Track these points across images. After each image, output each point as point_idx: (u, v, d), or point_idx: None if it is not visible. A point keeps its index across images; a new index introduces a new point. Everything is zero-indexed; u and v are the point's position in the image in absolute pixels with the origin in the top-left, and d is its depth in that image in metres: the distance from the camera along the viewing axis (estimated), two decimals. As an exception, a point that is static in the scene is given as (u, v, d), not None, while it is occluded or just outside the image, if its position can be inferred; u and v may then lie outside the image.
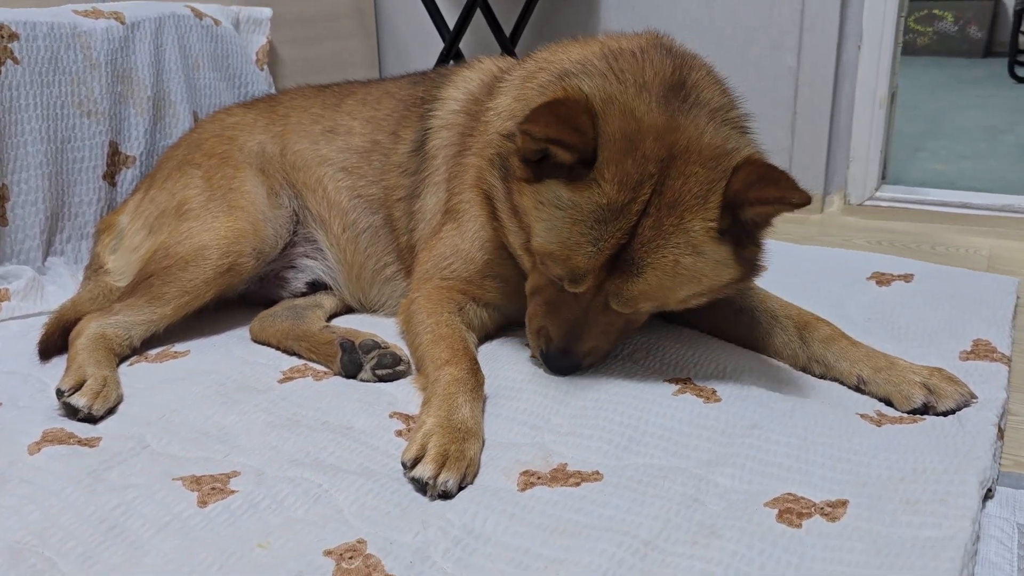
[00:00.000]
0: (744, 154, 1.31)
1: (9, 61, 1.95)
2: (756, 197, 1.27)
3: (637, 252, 1.31)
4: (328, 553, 1.06)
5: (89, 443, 1.35)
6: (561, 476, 1.23)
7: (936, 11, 7.58)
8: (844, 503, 1.13)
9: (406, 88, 1.95)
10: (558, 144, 1.28)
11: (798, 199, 1.24)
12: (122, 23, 2.19)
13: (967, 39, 7.52)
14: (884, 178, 2.86)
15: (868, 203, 2.77)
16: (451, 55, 2.82)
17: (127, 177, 2.20)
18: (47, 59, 2.02)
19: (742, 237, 1.34)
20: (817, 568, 1.01)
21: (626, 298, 1.36)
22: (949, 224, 2.57)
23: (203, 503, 1.17)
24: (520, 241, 1.45)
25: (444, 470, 1.20)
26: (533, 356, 1.52)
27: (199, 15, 2.41)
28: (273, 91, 2.54)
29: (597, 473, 1.23)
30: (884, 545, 1.03)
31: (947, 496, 1.10)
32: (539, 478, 1.23)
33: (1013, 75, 6.19)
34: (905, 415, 1.37)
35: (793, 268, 2.05)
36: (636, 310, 1.40)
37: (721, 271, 1.35)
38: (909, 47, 7.51)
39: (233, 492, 1.19)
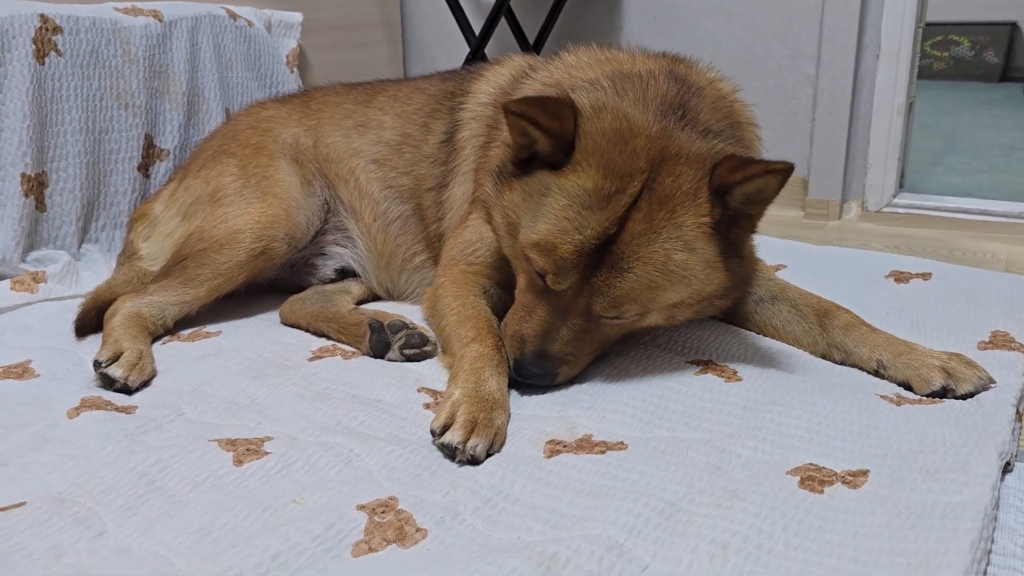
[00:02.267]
0: (725, 152, 1.35)
1: (53, 53, 2.01)
2: (741, 175, 1.29)
3: (626, 246, 1.30)
4: (361, 508, 1.09)
5: (126, 410, 1.39)
6: (586, 445, 1.25)
7: (953, 36, 7.64)
8: (865, 472, 1.15)
9: (437, 84, 2.01)
10: (534, 124, 1.33)
11: (782, 166, 1.27)
12: (160, 21, 2.26)
13: (983, 64, 7.56)
14: (901, 186, 2.89)
15: (886, 210, 2.80)
16: (476, 61, 2.88)
17: (160, 169, 2.26)
18: (88, 52, 2.09)
19: (730, 238, 1.36)
20: (839, 529, 1.03)
21: (612, 297, 1.32)
22: (966, 231, 2.60)
23: (239, 462, 1.21)
24: (510, 244, 1.45)
25: (473, 436, 1.23)
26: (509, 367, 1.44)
27: (233, 16, 2.48)
28: (303, 91, 2.61)
29: (621, 443, 1.26)
30: (904, 509, 1.05)
31: (966, 465, 1.12)
32: (565, 446, 1.25)
33: (1029, 98, 6.22)
34: (924, 398, 1.39)
35: (812, 266, 2.08)
36: (620, 314, 1.36)
37: (710, 275, 1.35)
38: (925, 71, 7.57)
39: (267, 454, 1.23)
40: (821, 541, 1.01)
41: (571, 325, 1.37)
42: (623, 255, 1.31)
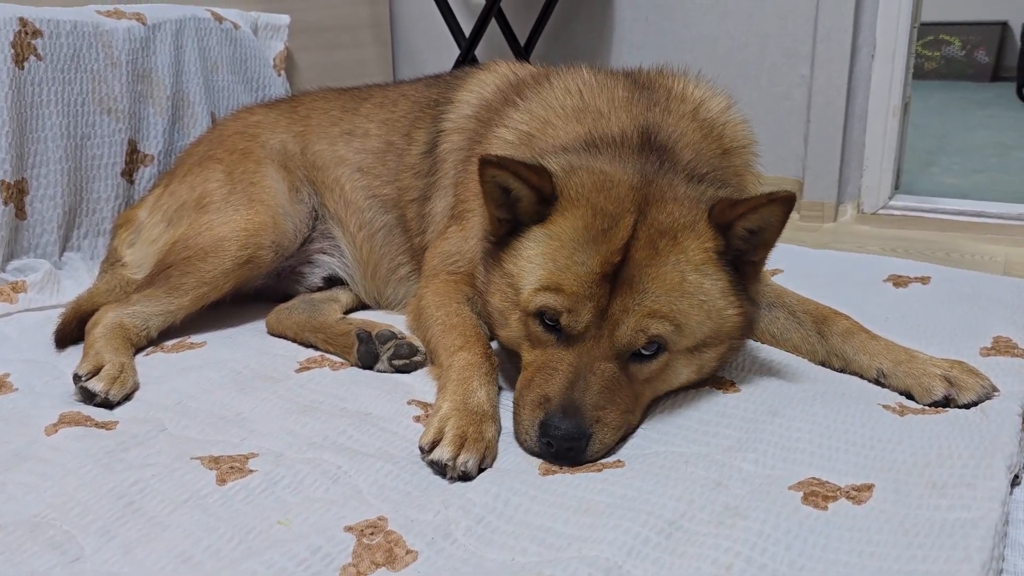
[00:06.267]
0: (716, 197, 1.32)
1: (32, 57, 1.97)
2: (744, 208, 1.26)
3: (636, 270, 1.24)
4: (349, 529, 1.05)
5: (106, 426, 1.34)
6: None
7: (943, 36, 7.63)
8: (870, 487, 1.11)
9: (421, 90, 1.97)
10: (515, 175, 1.28)
11: (783, 194, 1.23)
12: (143, 24, 2.21)
13: (974, 63, 7.56)
14: (897, 188, 2.86)
15: (882, 212, 2.77)
16: (466, 63, 2.85)
17: (145, 175, 2.21)
18: (69, 57, 2.04)
19: (739, 274, 1.32)
20: (845, 548, 1.00)
21: (634, 321, 1.23)
22: (963, 232, 2.57)
23: (222, 481, 1.16)
24: (504, 323, 1.37)
25: (463, 451, 1.19)
26: (522, 442, 1.26)
27: (219, 19, 2.44)
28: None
29: (619, 461, 1.23)
30: (912, 527, 1.02)
31: (974, 480, 1.09)
32: (559, 466, 1.22)
33: (1022, 97, 6.21)
34: (927, 407, 1.36)
35: (808, 271, 2.05)
36: (648, 338, 1.24)
37: (727, 307, 1.30)
38: (916, 71, 7.52)
39: (252, 472, 1.18)
40: (826, 561, 0.98)
41: (599, 372, 1.24)
42: (635, 278, 1.24)
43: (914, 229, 2.63)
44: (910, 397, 1.39)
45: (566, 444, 1.20)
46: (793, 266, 2.08)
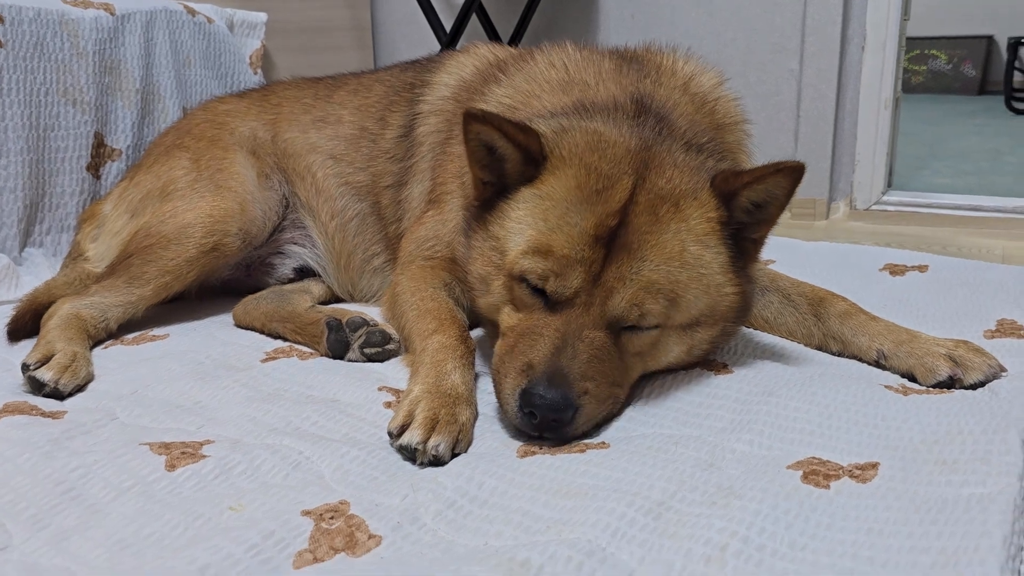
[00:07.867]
0: (718, 169, 1.25)
1: (-8, 43, 1.89)
2: (749, 177, 1.19)
3: (635, 235, 1.16)
4: (307, 513, 0.96)
5: (53, 415, 1.25)
6: (564, 444, 1.13)
7: (931, 51, 7.66)
8: (874, 465, 1.03)
9: (397, 74, 1.90)
10: (500, 131, 1.21)
11: (791, 164, 1.17)
12: (112, 14, 2.14)
13: (961, 77, 7.59)
14: (890, 185, 2.80)
15: (875, 207, 2.70)
16: (448, 61, 2.78)
17: (112, 170, 2.13)
18: (32, 44, 1.96)
19: (739, 250, 1.25)
20: (851, 527, 0.91)
21: (631, 291, 1.15)
22: (960, 227, 2.51)
23: (171, 467, 1.07)
24: (497, 299, 1.27)
25: (434, 435, 1.10)
26: (504, 413, 1.18)
27: (192, 12, 2.37)
28: (266, 90, 2.48)
29: (603, 443, 1.14)
30: (923, 503, 0.93)
31: (988, 455, 1.01)
32: (540, 447, 1.13)
33: (1011, 108, 6.20)
34: (931, 389, 1.27)
35: (803, 262, 1.98)
36: (642, 312, 1.16)
37: (725, 285, 1.22)
38: (903, 85, 7.56)
39: (205, 457, 1.09)
40: (831, 540, 0.89)
41: (587, 340, 1.15)
42: (633, 245, 1.16)
43: (909, 225, 2.57)
44: (912, 379, 1.31)
45: (551, 415, 1.11)
46: (786, 258, 2.01)
